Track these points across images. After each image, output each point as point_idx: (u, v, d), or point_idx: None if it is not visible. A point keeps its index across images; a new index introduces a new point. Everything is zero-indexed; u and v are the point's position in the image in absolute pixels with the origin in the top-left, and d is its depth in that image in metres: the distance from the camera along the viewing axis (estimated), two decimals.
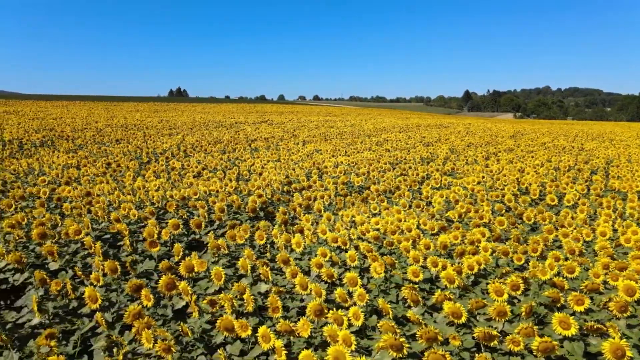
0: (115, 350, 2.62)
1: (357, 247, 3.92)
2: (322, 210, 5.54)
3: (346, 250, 3.94)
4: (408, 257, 3.64)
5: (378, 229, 4.37)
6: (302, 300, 3.22)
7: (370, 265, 3.61)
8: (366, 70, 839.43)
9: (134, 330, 2.69)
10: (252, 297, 2.88)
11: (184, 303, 3.17)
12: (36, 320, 2.86)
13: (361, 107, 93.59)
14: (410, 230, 4.34)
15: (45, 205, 5.47)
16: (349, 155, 11.44)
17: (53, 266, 3.70)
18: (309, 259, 3.88)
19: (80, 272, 3.44)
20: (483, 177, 8.06)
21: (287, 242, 4.04)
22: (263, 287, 3.37)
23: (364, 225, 4.44)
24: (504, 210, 5.92)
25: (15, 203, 5.26)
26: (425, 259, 3.47)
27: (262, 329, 2.51)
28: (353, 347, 2.33)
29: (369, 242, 3.98)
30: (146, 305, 3.00)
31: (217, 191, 6.13)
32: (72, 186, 6.19)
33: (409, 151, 12.61)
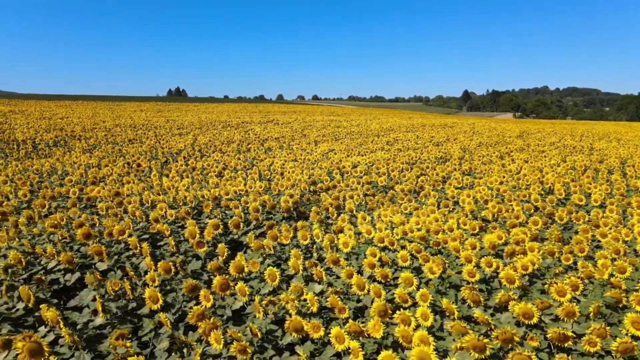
0: (185, 350, 2.60)
1: (403, 247, 3.92)
2: (354, 210, 5.53)
3: (393, 251, 3.93)
4: (458, 257, 3.64)
5: (420, 229, 4.36)
6: (358, 301, 3.21)
7: (420, 265, 3.62)
8: (365, 70, 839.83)
9: (200, 330, 2.68)
10: (315, 298, 2.87)
11: (240, 304, 3.16)
12: (99, 320, 2.84)
13: (361, 106, 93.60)
14: (452, 230, 4.35)
15: (77, 205, 5.47)
16: (363, 155, 11.44)
17: (101, 266, 3.68)
18: (356, 259, 3.88)
19: (132, 273, 3.43)
20: (504, 177, 8.07)
21: (331, 242, 4.03)
22: (317, 288, 3.36)
23: (404, 225, 4.44)
24: (532, 210, 5.93)
25: (47, 202, 5.24)
26: (479, 259, 3.47)
27: (335, 330, 2.50)
28: (432, 348, 2.32)
29: (416, 242, 3.97)
30: (205, 306, 2.99)
31: (247, 191, 6.12)
32: (100, 186, 6.18)
33: (422, 151, 12.61)
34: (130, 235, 4.16)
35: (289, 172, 7.93)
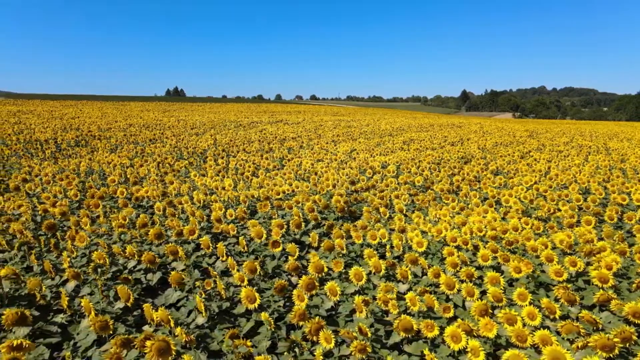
0: (297, 350, 2.61)
1: (476, 247, 3.93)
2: (404, 210, 5.55)
3: (465, 250, 3.95)
4: (538, 257, 3.66)
5: (485, 228, 4.37)
6: (447, 300, 3.22)
7: (500, 264, 3.63)
8: (363, 70, 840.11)
9: (306, 330, 2.68)
10: (417, 297, 2.88)
11: (331, 304, 3.17)
12: (201, 319, 2.84)
13: (361, 106, 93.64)
14: (516, 230, 4.37)
15: (128, 205, 5.46)
16: (385, 155, 11.46)
17: (179, 266, 3.68)
18: (431, 258, 3.90)
19: (214, 272, 3.43)
20: (537, 177, 8.10)
21: (402, 242, 4.04)
22: (402, 287, 3.37)
23: (468, 225, 4.46)
24: (576, 210, 5.95)
25: (100, 203, 5.23)
26: (560, 258, 3.48)
27: (450, 329, 2.52)
28: (564, 348, 2.33)
29: (492, 242, 3.98)
30: (304, 306, 3.00)
31: (293, 191, 6.12)
32: (145, 186, 6.17)
33: (441, 151, 12.64)
34: (200, 236, 4.16)
35: (323, 172, 7.93)
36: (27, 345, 2.17)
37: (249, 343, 2.45)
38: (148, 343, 2.30)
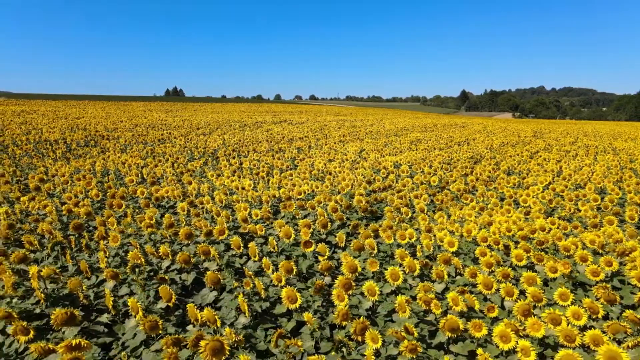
0: (345, 350, 2.61)
1: (507, 247, 3.94)
2: (425, 210, 5.56)
3: (497, 250, 3.96)
4: (570, 256, 3.67)
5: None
6: (485, 300, 3.23)
7: (534, 264, 3.64)
8: (362, 70, 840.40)
9: (351, 330, 2.68)
10: (460, 297, 2.89)
11: (370, 303, 3.18)
12: (244, 319, 2.85)
13: (361, 106, 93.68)
14: (544, 230, 4.37)
15: (151, 205, 5.46)
16: (395, 155, 11.48)
17: (211, 266, 3.69)
18: (462, 258, 3.90)
19: (250, 273, 3.43)
20: (553, 177, 8.12)
21: (432, 242, 4.05)
22: (439, 287, 3.38)
23: (494, 225, 4.46)
24: (595, 209, 5.96)
25: (124, 202, 5.23)
26: (595, 257, 3.49)
27: (499, 329, 2.52)
28: (619, 348, 2.34)
29: (523, 242, 3.99)
30: (347, 306, 3.00)
31: (313, 191, 6.13)
32: (165, 186, 6.17)
33: (449, 151, 12.66)
34: (229, 236, 4.17)
35: (338, 173, 7.93)
36: (85, 345, 2.17)
37: (299, 342, 2.46)
38: (202, 343, 2.30)
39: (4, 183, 6.22)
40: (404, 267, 3.58)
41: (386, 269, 3.51)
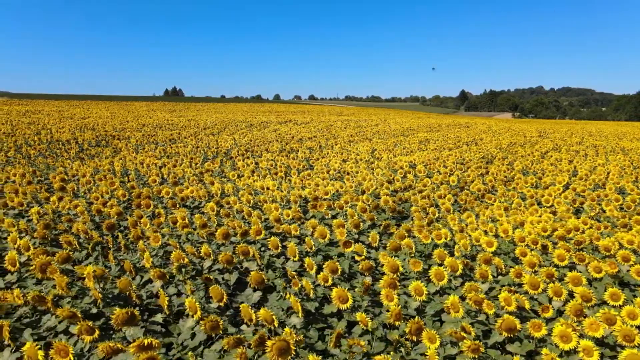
0: (403, 350, 2.61)
1: (545, 247, 3.95)
2: (451, 210, 5.57)
3: (535, 250, 3.97)
4: (611, 256, 3.68)
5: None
6: (531, 300, 3.24)
7: (575, 264, 3.65)
8: (360, 70, 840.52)
9: (406, 329, 2.69)
10: (512, 297, 2.89)
11: (417, 304, 3.18)
12: (296, 320, 2.85)
13: (361, 106, 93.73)
14: (578, 230, 4.39)
15: (178, 206, 5.46)
16: (407, 155, 11.48)
17: (251, 266, 3.69)
18: (502, 258, 3.91)
19: (294, 273, 3.44)
20: (570, 177, 8.14)
21: (467, 241, 4.06)
22: (483, 287, 3.38)
23: (527, 224, 4.47)
24: (618, 209, 5.99)
25: (152, 202, 5.22)
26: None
27: (559, 328, 2.53)
28: None
29: (562, 242, 4.00)
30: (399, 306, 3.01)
31: (337, 191, 6.13)
32: (187, 186, 6.17)
33: (460, 152, 12.67)
34: (266, 237, 4.17)
35: (356, 172, 7.94)
36: (156, 345, 2.17)
37: (362, 342, 2.46)
38: (269, 343, 2.31)
39: (26, 183, 6.21)
40: (445, 267, 3.59)
41: (426, 269, 3.53)
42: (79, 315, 2.41)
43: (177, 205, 5.40)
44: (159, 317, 2.77)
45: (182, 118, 22.51)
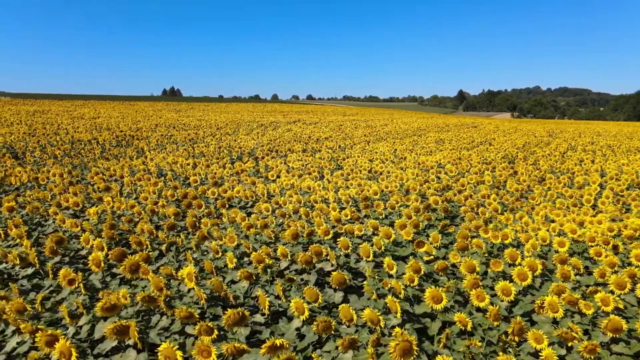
0: (511, 350, 2.61)
1: (616, 247, 3.96)
2: (499, 209, 5.57)
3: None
4: None
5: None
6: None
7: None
8: (358, 69, 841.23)
9: (509, 330, 2.69)
10: (611, 297, 2.89)
11: (505, 304, 3.18)
12: (395, 320, 2.84)
13: (360, 106, 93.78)
14: (635, 231, 4.40)
15: (227, 206, 5.44)
16: (428, 155, 11.50)
17: (326, 266, 3.68)
18: (577, 258, 3.91)
19: (374, 273, 3.43)
20: (602, 177, 8.16)
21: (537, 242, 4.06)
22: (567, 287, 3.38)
23: (587, 225, 4.48)
24: None
25: (204, 203, 5.20)
26: None
27: None
28: None
29: (625, 242, 4.01)
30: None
31: (382, 190, 6.13)
32: (231, 186, 6.15)
33: (477, 151, 12.70)
34: (334, 237, 4.16)
35: (387, 172, 7.94)
36: (286, 345, 2.16)
37: (478, 343, 2.46)
38: (392, 343, 2.30)
39: (68, 183, 6.17)
40: (524, 267, 3.59)
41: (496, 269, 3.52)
42: (196, 316, 2.40)
43: (226, 206, 5.38)
44: (259, 318, 2.76)
45: (191, 118, 22.45)
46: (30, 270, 3.22)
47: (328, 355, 2.48)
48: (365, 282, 3.29)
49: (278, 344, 2.14)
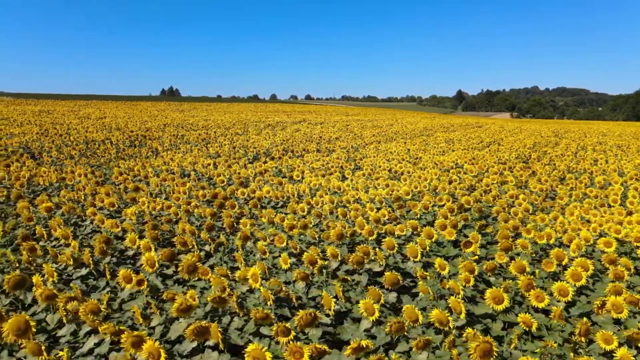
0: (582, 351, 2.61)
1: None
2: (530, 210, 5.57)
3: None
4: None
5: None
6: None
7: None
8: (356, 70, 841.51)
9: (576, 331, 2.68)
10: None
11: (563, 304, 3.17)
12: (459, 321, 2.83)
13: (360, 106, 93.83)
14: None
15: (258, 206, 5.42)
16: (443, 155, 11.50)
17: (374, 267, 3.67)
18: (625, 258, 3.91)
19: (425, 274, 3.42)
20: (622, 177, 8.18)
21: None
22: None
23: (624, 225, 4.49)
24: None
25: (237, 203, 5.19)
26: None
27: None
28: None
29: None
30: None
31: (412, 191, 6.12)
32: (260, 186, 6.13)
33: (488, 151, 12.71)
34: (382, 236, 4.15)
35: (410, 172, 7.94)
36: (369, 346, 2.15)
37: (554, 344, 2.45)
38: (472, 344, 2.29)
39: (94, 184, 6.15)
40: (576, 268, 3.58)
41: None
42: (272, 317, 2.38)
43: (257, 206, 5.36)
44: (325, 319, 2.74)
45: (197, 118, 22.42)
46: (84, 271, 3.20)
47: (403, 356, 2.47)
48: (420, 283, 3.28)
49: (363, 345, 2.13)
